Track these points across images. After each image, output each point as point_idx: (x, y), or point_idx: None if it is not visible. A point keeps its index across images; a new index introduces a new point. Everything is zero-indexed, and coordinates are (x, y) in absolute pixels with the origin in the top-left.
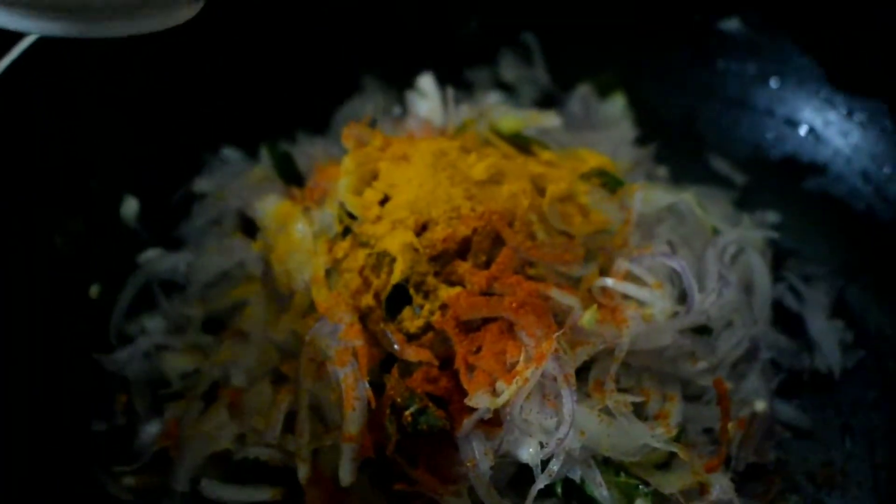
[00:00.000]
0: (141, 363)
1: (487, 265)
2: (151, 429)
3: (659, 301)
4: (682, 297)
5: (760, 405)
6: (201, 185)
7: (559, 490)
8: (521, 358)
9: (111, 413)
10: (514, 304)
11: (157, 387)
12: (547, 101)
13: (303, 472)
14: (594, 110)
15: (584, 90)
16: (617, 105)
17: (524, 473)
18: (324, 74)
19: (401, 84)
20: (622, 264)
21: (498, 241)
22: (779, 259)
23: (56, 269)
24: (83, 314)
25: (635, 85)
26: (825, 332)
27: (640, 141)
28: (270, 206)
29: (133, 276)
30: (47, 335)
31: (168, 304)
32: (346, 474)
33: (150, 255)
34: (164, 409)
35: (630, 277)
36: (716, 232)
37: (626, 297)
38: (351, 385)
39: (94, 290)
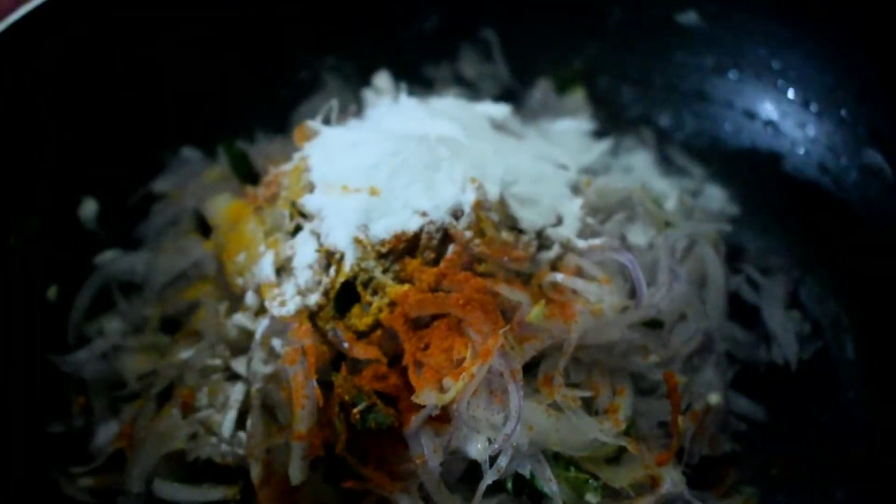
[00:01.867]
0: (98, 364)
1: (436, 262)
2: (108, 430)
3: (608, 296)
4: (633, 292)
5: (715, 398)
6: (160, 185)
7: (509, 485)
8: (468, 354)
9: (68, 415)
10: (461, 301)
11: (114, 388)
12: (507, 96)
13: (255, 470)
14: (553, 104)
15: (543, 85)
16: (576, 99)
17: (474, 469)
18: (283, 73)
19: (361, 82)
20: (572, 259)
21: (447, 238)
22: (736, 251)
23: (12, 270)
24: (40, 316)
25: (594, 79)
26: (782, 323)
27: (599, 134)
28: (222, 206)
29: (91, 277)
30: (3, 337)
31: (126, 304)
32: (296, 472)
33: (108, 256)
34: (121, 410)
35: (580, 272)
36: (668, 225)
37: (576, 292)
38: (300, 383)
39: (51, 292)
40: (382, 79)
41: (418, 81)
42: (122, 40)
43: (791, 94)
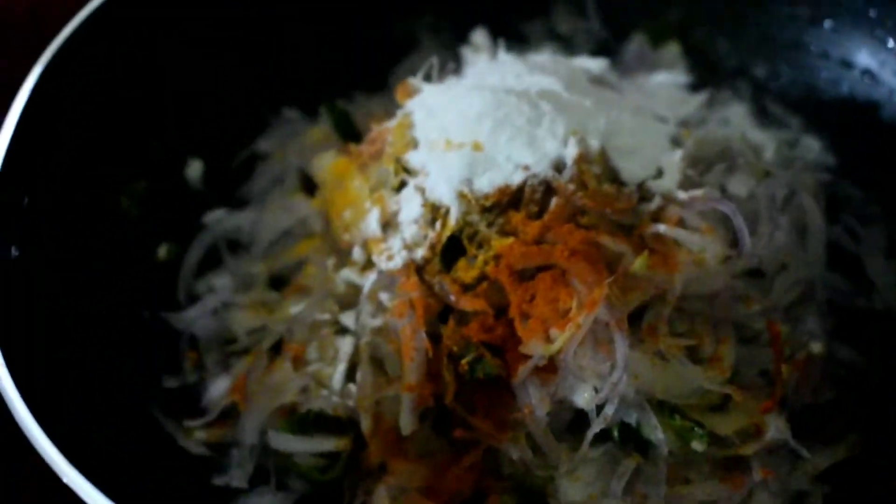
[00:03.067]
0: (209, 321)
1: (540, 215)
2: (220, 384)
3: (710, 246)
4: (735, 242)
5: (817, 346)
6: (263, 145)
7: (615, 434)
8: (574, 305)
9: (181, 370)
10: (565, 253)
11: (225, 343)
12: (602, 52)
13: (365, 422)
14: (649, 58)
15: (638, 39)
16: (671, 52)
17: (580, 419)
18: (380, 33)
19: (457, 40)
20: (674, 210)
21: (550, 191)
22: (835, 201)
23: (123, 231)
24: (151, 274)
25: (689, 32)
26: (883, 271)
27: (694, 87)
28: (327, 163)
29: (199, 236)
30: (117, 296)
31: (234, 262)
32: (406, 423)
33: (216, 215)
34: (232, 365)
35: (682, 223)
36: (768, 175)
37: (678, 242)
38: (409, 336)
39: (162, 251)
40: (480, 36)
41: (513, 38)
42: (223, 5)
43: (889, 42)
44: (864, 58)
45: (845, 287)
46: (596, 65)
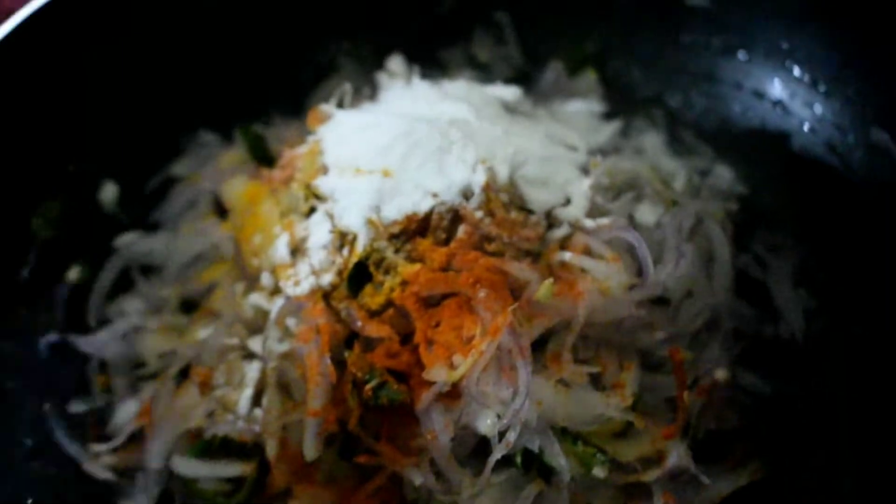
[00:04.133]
0: (119, 344)
1: (447, 242)
2: (128, 408)
3: (615, 274)
4: (641, 270)
5: (721, 373)
6: (177, 169)
7: (518, 460)
8: (478, 332)
9: (89, 394)
10: (471, 280)
11: (134, 367)
12: (520, 79)
13: (270, 447)
14: (565, 86)
15: (555, 67)
16: (587, 81)
17: (484, 445)
18: (300, 57)
19: (376, 66)
20: (580, 238)
21: (457, 219)
22: (744, 229)
23: (34, 252)
24: (62, 297)
25: (605, 61)
26: (789, 300)
27: (610, 115)
28: (238, 188)
29: (111, 259)
30: (26, 317)
31: (145, 286)
32: (310, 448)
33: (128, 238)
34: (141, 389)
35: (588, 251)
36: (675, 204)
37: (584, 270)
38: (314, 361)
39: (73, 273)
40: (396, 62)
41: (433, 64)
42: (140, 25)
43: (799, 73)
44: (776, 89)
45: (751, 315)
46: (509, 92)
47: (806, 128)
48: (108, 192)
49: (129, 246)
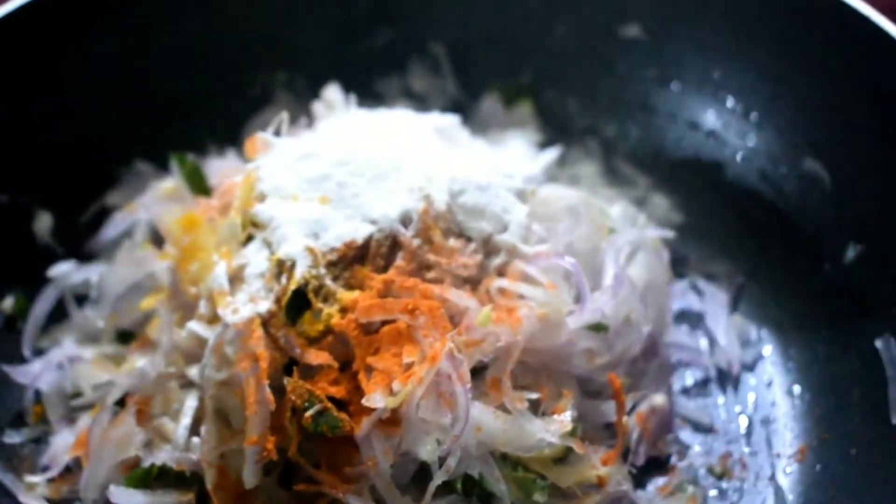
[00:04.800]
0: (54, 375)
1: (386, 269)
2: (64, 439)
3: (553, 300)
4: (579, 297)
5: (659, 399)
6: (113, 198)
7: (459, 486)
8: (417, 358)
9: (24, 424)
10: (410, 307)
11: (70, 398)
12: (456, 109)
13: (210, 476)
14: (501, 117)
15: (491, 98)
16: (523, 111)
17: (425, 471)
18: (235, 87)
19: (312, 95)
20: (518, 265)
21: (396, 246)
22: (680, 258)
23: None
24: None
25: (540, 92)
26: (725, 328)
27: (545, 145)
28: (175, 217)
29: (46, 289)
30: None
31: (80, 316)
32: (249, 476)
33: (63, 268)
34: (77, 420)
35: (526, 278)
36: (612, 232)
37: (522, 297)
38: (253, 389)
39: (7, 304)
40: (332, 91)
41: (369, 95)
42: (74, 55)
43: (732, 104)
44: (710, 119)
45: (689, 342)
46: (447, 121)
47: (739, 157)
48: (43, 223)
49: (63, 276)
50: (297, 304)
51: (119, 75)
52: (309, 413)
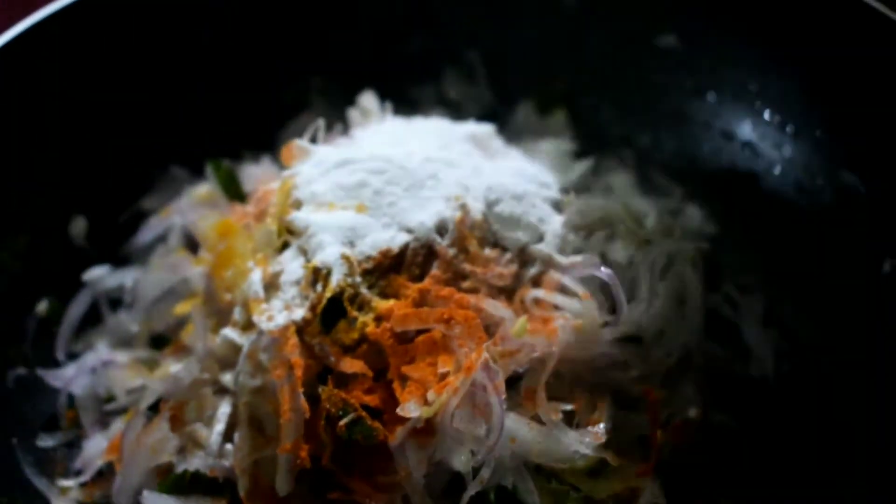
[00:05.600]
0: (87, 379)
1: (421, 278)
2: (97, 443)
3: (589, 311)
4: (613, 308)
5: (693, 412)
6: (148, 203)
7: (492, 497)
8: (452, 368)
9: (58, 428)
10: (445, 316)
11: (103, 402)
12: (490, 118)
13: (242, 483)
14: (536, 126)
15: (525, 106)
16: (558, 120)
17: (458, 481)
18: (271, 94)
19: (346, 102)
20: (554, 275)
21: (431, 255)
22: (715, 269)
23: (2, 285)
24: (30, 330)
25: (575, 101)
26: (759, 340)
27: (580, 154)
28: (210, 223)
29: (80, 293)
30: None
31: (114, 320)
32: (283, 484)
33: (97, 272)
34: (110, 424)
35: (562, 288)
36: (647, 243)
37: (558, 307)
38: (287, 397)
39: (41, 307)
40: (368, 99)
41: (403, 102)
42: (111, 61)
43: (768, 115)
44: (745, 130)
45: (722, 354)
46: (482, 129)
47: (775, 169)
48: (78, 226)
49: (98, 280)
50: (333, 312)
51: (156, 80)
52: (343, 421)
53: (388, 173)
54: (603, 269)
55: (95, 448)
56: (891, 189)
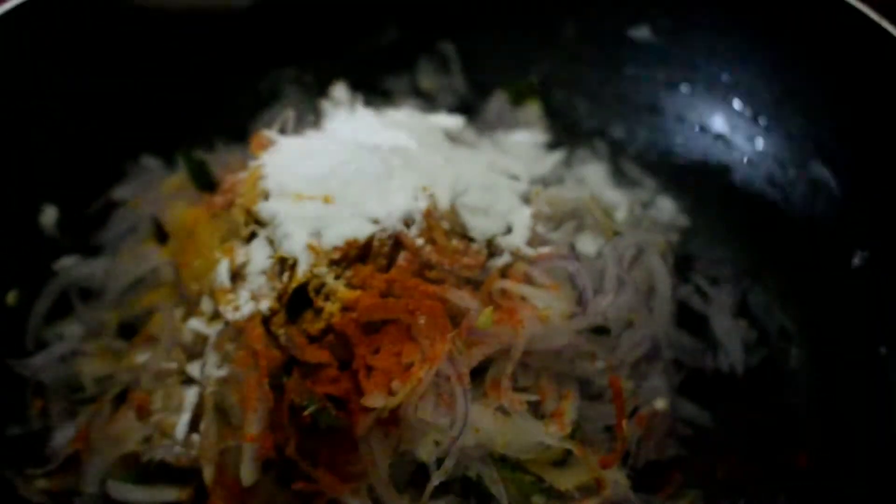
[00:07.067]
0: (56, 368)
1: (388, 269)
2: (65, 432)
3: (556, 302)
4: (581, 299)
5: (661, 403)
6: (119, 193)
7: (457, 487)
8: (417, 358)
9: (25, 417)
10: (411, 307)
11: (71, 391)
12: (464, 108)
13: (208, 472)
14: (509, 117)
15: (499, 97)
16: (531, 111)
17: (422, 471)
18: (243, 84)
19: (320, 93)
20: (521, 266)
21: (398, 245)
22: (686, 261)
23: None
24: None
25: (549, 92)
26: (729, 331)
27: (553, 146)
28: (179, 213)
29: (50, 282)
30: None
31: (84, 310)
32: (247, 474)
33: (68, 261)
34: (78, 413)
35: (529, 279)
36: (616, 234)
37: (524, 298)
38: (252, 387)
39: (11, 297)
40: (339, 90)
41: (377, 93)
42: (81, 50)
43: (740, 107)
44: (718, 122)
45: (692, 345)
46: (452, 122)
47: (746, 161)
48: (49, 216)
49: (68, 269)
50: (299, 302)
51: (128, 69)
52: (308, 411)
53: (356, 164)
54: (570, 260)
55: (63, 437)
56: (861, 181)
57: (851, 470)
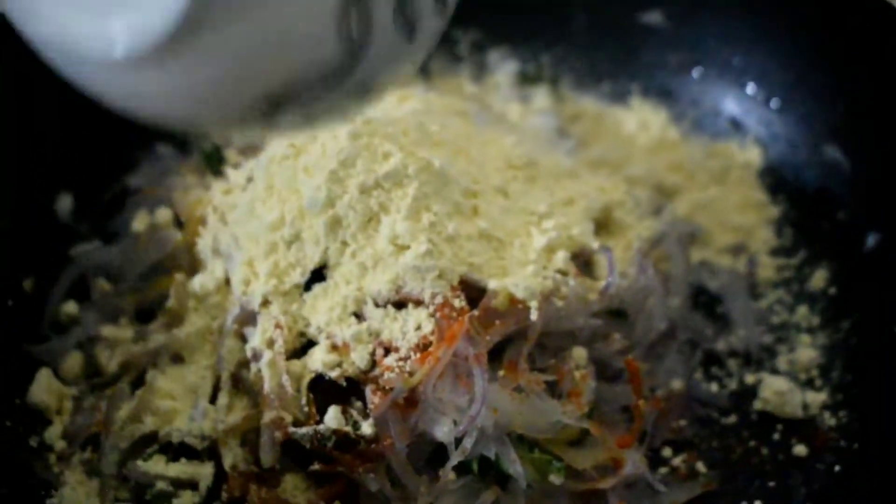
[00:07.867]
0: (74, 353)
1: None
2: (83, 416)
3: (573, 284)
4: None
5: (677, 384)
6: (134, 180)
7: (475, 467)
8: (434, 338)
9: (44, 401)
10: None
11: (89, 376)
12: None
13: (226, 453)
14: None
15: (511, 84)
16: (541, 97)
17: (441, 451)
18: None
19: None
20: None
21: None
22: (700, 244)
23: None
24: (17, 307)
25: (559, 77)
26: (744, 313)
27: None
28: (193, 199)
29: (67, 268)
30: None
31: (101, 295)
32: (267, 455)
33: (84, 247)
34: (96, 397)
35: None
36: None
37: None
38: (271, 367)
39: (28, 283)
40: None
41: None
42: None
43: (753, 91)
44: (730, 106)
45: (707, 327)
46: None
47: (761, 144)
48: (64, 203)
49: (86, 255)
50: (313, 280)
51: None
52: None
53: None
54: (594, 242)
55: (81, 420)
56: (874, 163)
57: (868, 452)
